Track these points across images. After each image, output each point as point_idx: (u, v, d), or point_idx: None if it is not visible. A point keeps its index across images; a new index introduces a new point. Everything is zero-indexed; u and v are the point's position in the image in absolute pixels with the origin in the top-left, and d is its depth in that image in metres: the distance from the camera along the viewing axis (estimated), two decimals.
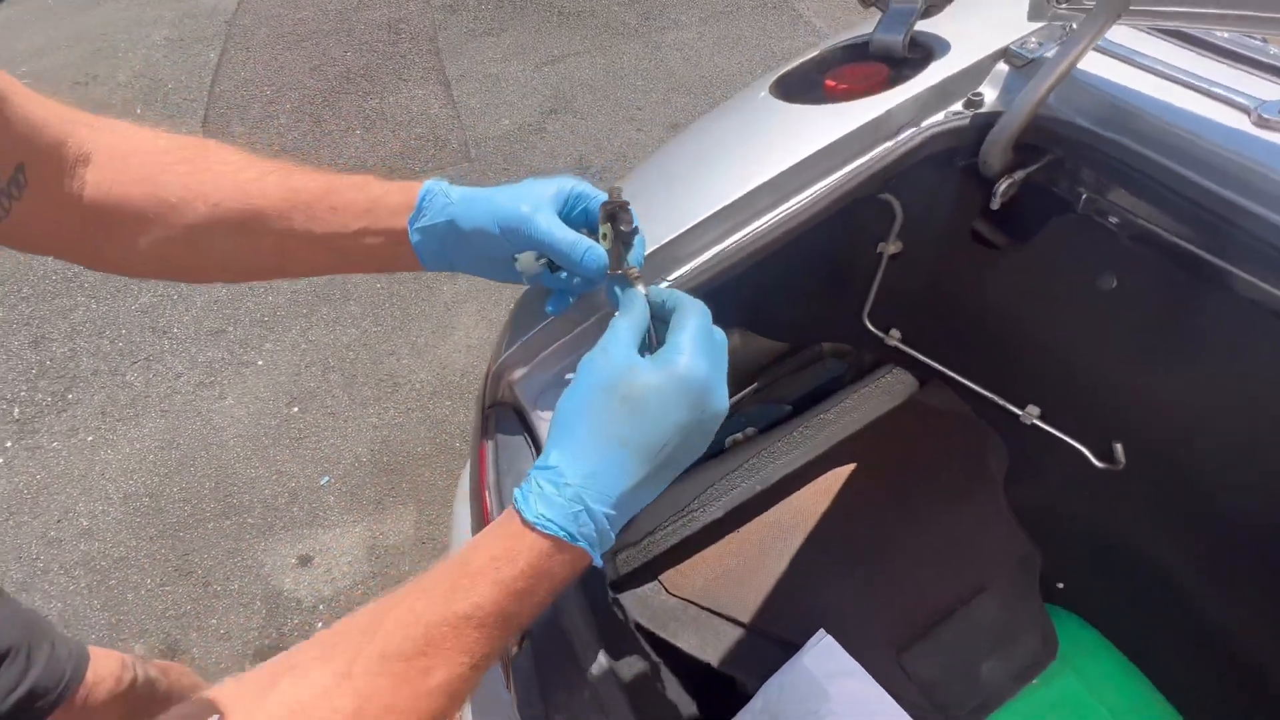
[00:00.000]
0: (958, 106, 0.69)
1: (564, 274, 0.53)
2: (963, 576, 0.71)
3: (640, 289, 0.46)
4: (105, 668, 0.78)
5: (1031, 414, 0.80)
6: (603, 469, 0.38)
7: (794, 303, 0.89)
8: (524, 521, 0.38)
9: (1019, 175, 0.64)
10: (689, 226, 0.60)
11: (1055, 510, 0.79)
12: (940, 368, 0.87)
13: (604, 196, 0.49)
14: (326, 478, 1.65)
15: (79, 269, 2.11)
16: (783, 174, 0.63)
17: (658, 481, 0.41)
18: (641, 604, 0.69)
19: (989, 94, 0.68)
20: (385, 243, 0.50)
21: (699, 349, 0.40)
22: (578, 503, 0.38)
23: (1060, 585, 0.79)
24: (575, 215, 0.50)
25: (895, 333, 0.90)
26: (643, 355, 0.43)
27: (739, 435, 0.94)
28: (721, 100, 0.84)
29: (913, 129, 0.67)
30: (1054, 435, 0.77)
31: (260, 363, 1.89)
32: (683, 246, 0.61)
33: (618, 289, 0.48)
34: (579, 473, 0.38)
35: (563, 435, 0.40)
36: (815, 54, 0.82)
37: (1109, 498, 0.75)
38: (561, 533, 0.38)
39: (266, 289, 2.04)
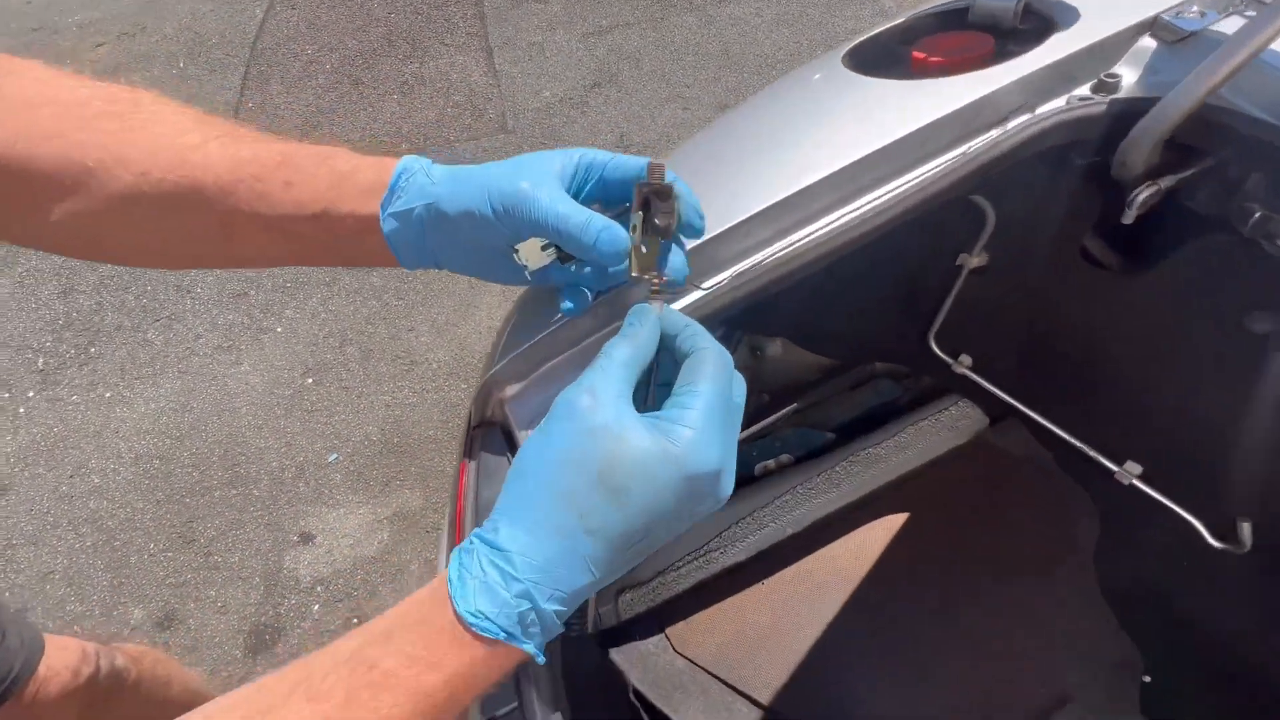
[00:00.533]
0: (1084, 90, 0.55)
1: (576, 266, 0.42)
2: (1042, 678, 0.58)
3: (655, 308, 0.36)
4: (60, 660, 0.72)
5: (1131, 472, 0.66)
6: (562, 561, 0.30)
7: (847, 313, 0.77)
8: (456, 615, 0.29)
9: (1166, 182, 0.50)
10: (734, 223, 0.48)
11: (1151, 592, 0.65)
12: (1017, 404, 0.74)
13: (625, 164, 0.38)
14: (335, 454, 1.60)
15: None
16: (854, 165, 0.51)
17: (624, 568, 0.33)
18: (642, 663, 0.59)
19: (1127, 76, 0.54)
20: (352, 230, 0.40)
21: (712, 425, 0.31)
22: (525, 600, 0.30)
23: (1147, 679, 0.66)
24: (589, 191, 0.40)
25: (965, 358, 0.77)
26: (639, 394, 0.33)
27: (770, 463, 0.83)
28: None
29: (1025, 116, 0.53)
30: (1158, 502, 0.64)
31: (279, 330, 1.85)
32: (724, 247, 0.50)
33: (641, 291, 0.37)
34: (532, 564, 0.30)
35: (518, 505, 0.31)
36: (900, 20, 0.68)
37: (1225, 587, 0.61)
38: (502, 635, 0.30)
39: None
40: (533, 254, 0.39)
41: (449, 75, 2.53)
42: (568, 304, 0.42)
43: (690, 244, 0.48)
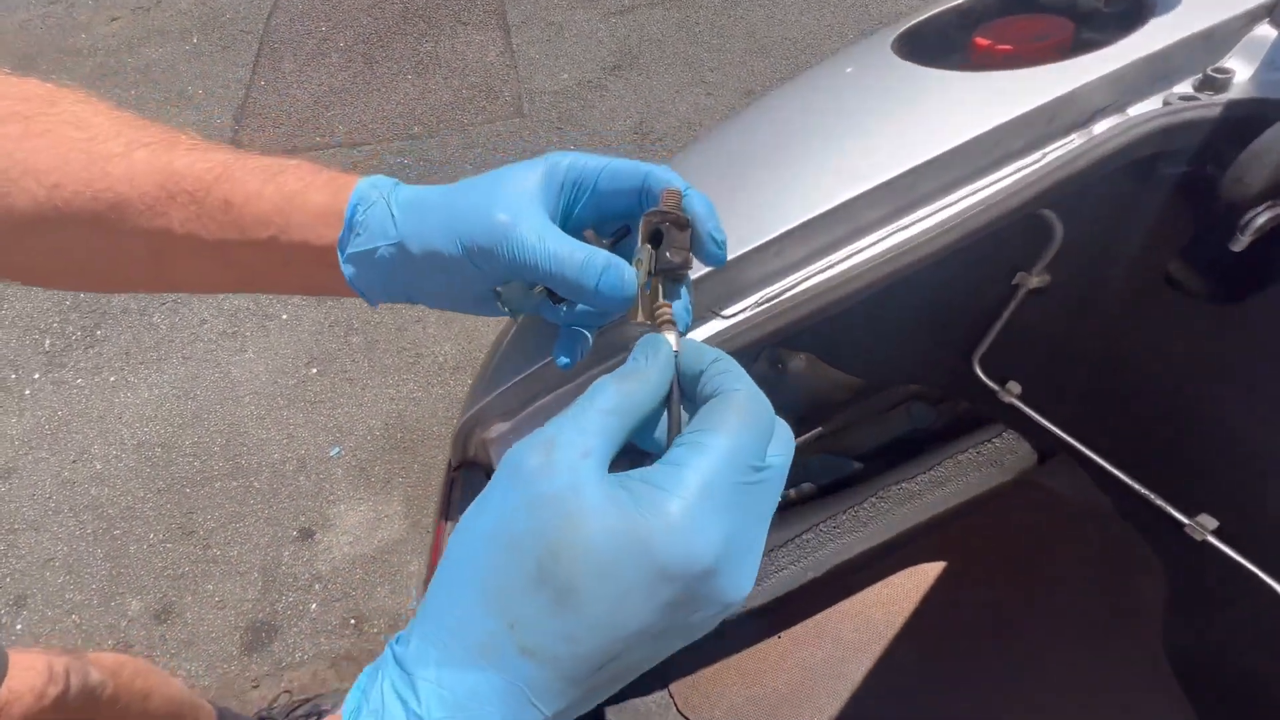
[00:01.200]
0: (1185, 88, 0.46)
1: (569, 306, 0.35)
2: None
3: (671, 339, 0.27)
4: (24, 682, 0.68)
5: (1205, 526, 0.58)
6: (489, 696, 0.21)
7: (881, 329, 0.69)
8: None
9: None
10: (762, 242, 0.41)
11: (1226, 667, 0.57)
12: (1073, 441, 0.66)
13: (620, 174, 0.31)
14: (337, 449, 1.56)
15: None
16: (907, 174, 0.43)
17: (592, 702, 0.24)
18: None
19: (1240, 71, 0.45)
20: (305, 261, 0.33)
21: (714, 495, 0.22)
22: None
23: None
24: (579, 213, 0.33)
25: (1014, 386, 0.69)
26: (644, 443, 0.26)
27: (790, 493, 0.76)
28: (807, 68, 0.63)
29: (1115, 118, 0.45)
30: (1236, 562, 0.56)
31: (284, 317, 1.81)
32: (749, 269, 0.42)
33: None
34: (445, 699, 0.21)
35: (436, 606, 0.23)
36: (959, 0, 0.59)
37: None
38: None
39: None
40: (517, 296, 0.32)
41: (465, 55, 2.46)
42: (561, 358, 0.35)
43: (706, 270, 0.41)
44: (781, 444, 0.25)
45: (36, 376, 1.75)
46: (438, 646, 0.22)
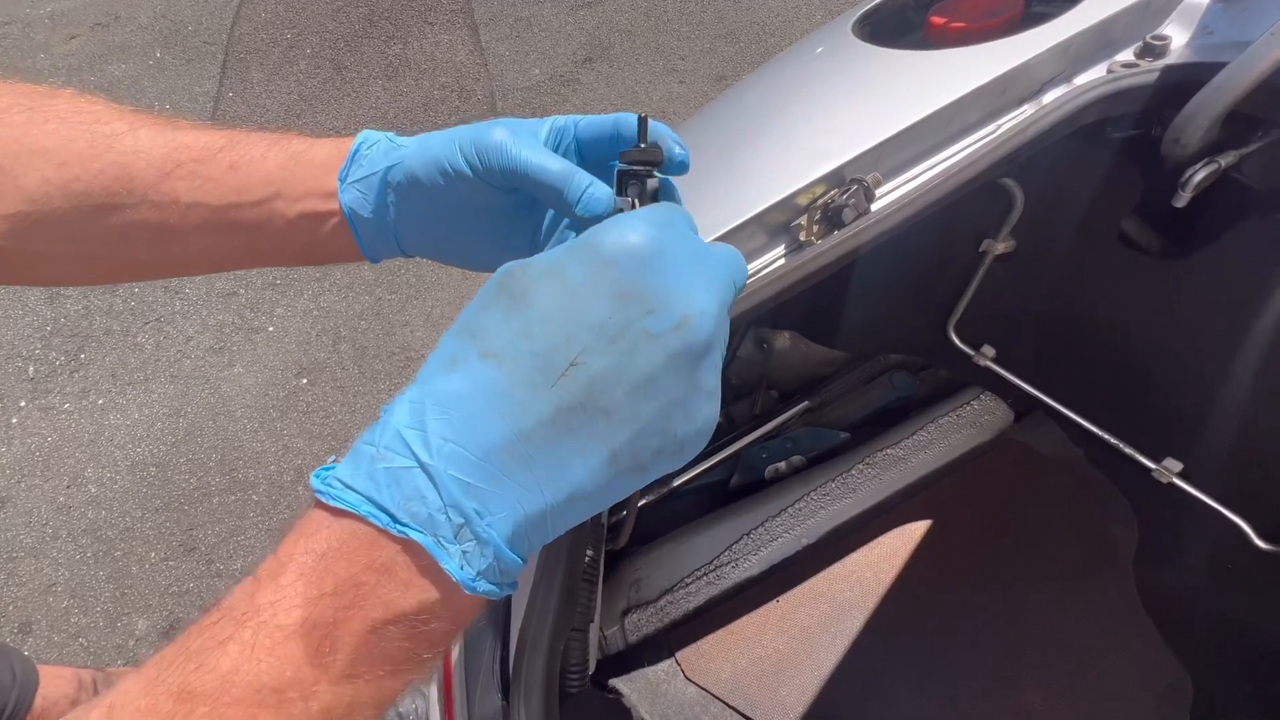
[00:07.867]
0: (1127, 56, 0.49)
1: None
2: (1083, 705, 0.55)
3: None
4: (57, 690, 0.69)
5: (1169, 470, 0.61)
6: (453, 399, 0.23)
7: (859, 303, 0.72)
8: (316, 499, 0.24)
9: (1226, 159, 0.44)
10: (737, 224, 0.43)
11: (1195, 600, 0.61)
12: (1044, 398, 0.69)
13: (596, 122, 0.34)
14: (334, 457, 1.57)
15: None
16: (869, 152, 0.45)
17: (576, 436, 0.23)
18: (651, 692, 0.55)
19: (1176, 37, 0.48)
20: (307, 215, 0.35)
21: (636, 216, 0.26)
22: (399, 450, 0.23)
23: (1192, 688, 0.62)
24: (563, 152, 0.35)
25: (988, 350, 0.72)
26: None
27: (782, 465, 0.78)
28: (776, 52, 0.66)
29: (1063, 88, 0.47)
30: (1200, 501, 0.59)
31: (271, 329, 1.80)
32: None
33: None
34: (415, 409, 0.24)
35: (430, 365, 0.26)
36: None
37: (1275, 591, 0.57)
38: (371, 511, 0.22)
39: None
40: None
41: (434, 55, 2.44)
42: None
43: None
44: (684, 214, 0.28)
45: (23, 404, 1.73)
46: (420, 377, 0.25)
